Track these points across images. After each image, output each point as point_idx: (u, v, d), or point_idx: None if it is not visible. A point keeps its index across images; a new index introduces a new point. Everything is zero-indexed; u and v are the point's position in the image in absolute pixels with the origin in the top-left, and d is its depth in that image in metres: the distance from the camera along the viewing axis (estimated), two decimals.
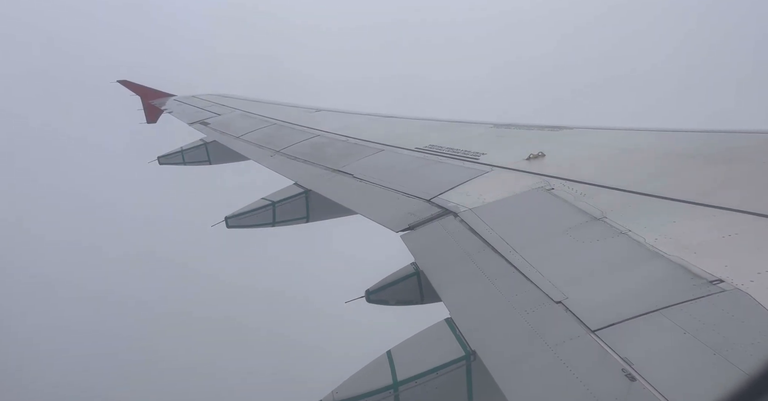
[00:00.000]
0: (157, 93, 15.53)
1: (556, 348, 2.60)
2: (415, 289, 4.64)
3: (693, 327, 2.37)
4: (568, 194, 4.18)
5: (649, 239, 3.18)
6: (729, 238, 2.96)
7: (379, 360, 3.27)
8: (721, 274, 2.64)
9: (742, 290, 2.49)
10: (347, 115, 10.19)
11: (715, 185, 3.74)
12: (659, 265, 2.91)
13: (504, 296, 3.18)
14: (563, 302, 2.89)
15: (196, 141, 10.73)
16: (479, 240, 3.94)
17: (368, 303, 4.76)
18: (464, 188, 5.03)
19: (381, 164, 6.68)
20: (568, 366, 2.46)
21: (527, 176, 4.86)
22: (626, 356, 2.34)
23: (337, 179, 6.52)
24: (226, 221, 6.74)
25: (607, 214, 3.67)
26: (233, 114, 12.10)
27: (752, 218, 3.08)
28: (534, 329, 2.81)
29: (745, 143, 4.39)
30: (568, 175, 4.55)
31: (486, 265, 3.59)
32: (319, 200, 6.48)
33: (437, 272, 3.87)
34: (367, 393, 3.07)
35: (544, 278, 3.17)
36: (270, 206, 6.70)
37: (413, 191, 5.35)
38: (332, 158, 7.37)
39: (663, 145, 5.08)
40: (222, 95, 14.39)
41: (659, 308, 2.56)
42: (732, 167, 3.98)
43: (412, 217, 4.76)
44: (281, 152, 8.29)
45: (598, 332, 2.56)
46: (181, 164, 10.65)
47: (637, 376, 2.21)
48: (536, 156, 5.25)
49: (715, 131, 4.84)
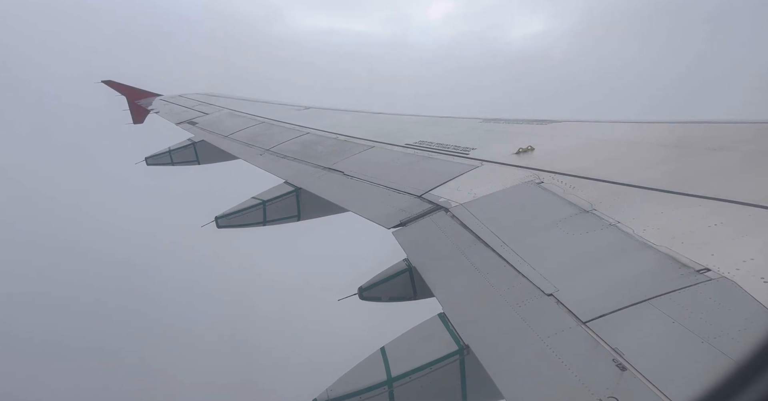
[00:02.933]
0: (143, 93, 15.35)
1: (547, 340, 2.62)
2: (408, 285, 4.64)
3: (681, 316, 2.40)
4: (558, 187, 4.21)
5: (637, 230, 3.22)
6: (715, 227, 3.00)
7: (373, 356, 3.29)
8: (708, 263, 2.68)
9: (728, 278, 2.53)
10: (336, 112, 10.16)
11: (700, 175, 3.79)
12: (648, 255, 2.94)
13: (496, 290, 3.21)
14: (554, 294, 2.92)
15: (184, 141, 10.63)
16: (470, 235, 3.96)
17: (361, 299, 4.76)
18: (455, 184, 5.05)
19: (371, 160, 6.68)
20: (560, 358, 2.48)
21: (517, 170, 4.88)
22: (616, 346, 2.37)
23: (328, 177, 6.51)
24: (217, 221, 6.69)
25: (596, 206, 3.70)
26: (221, 113, 12.00)
27: (737, 206, 3.13)
28: (526, 322, 2.83)
29: (729, 133, 4.45)
30: (557, 168, 4.58)
31: (477, 259, 3.61)
32: (310, 199, 6.46)
33: (429, 267, 3.89)
34: (362, 390, 3.08)
35: (535, 272, 3.20)
36: (260, 206, 6.67)
37: (404, 187, 5.35)
38: (322, 155, 7.35)
39: (649, 136, 5.14)
40: (209, 94, 14.27)
41: (648, 298, 2.59)
42: (717, 157, 4.03)
43: (403, 213, 4.76)
44: (271, 151, 8.25)
45: (588, 323, 2.59)
46: (169, 165, 10.55)
47: (628, 366, 2.24)
48: (525, 150, 5.28)
49: (700, 122, 4.90)
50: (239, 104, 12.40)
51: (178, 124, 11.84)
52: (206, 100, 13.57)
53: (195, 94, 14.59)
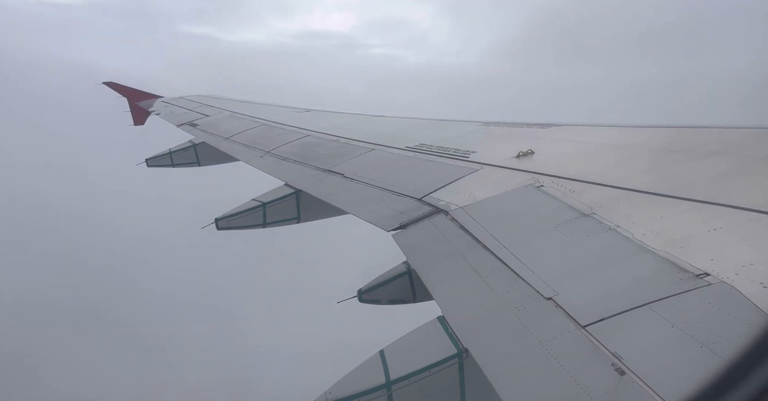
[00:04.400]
0: (144, 94, 15.39)
1: (546, 343, 2.62)
2: (407, 288, 4.65)
3: (681, 321, 2.40)
4: (558, 191, 4.21)
5: (637, 235, 3.22)
6: (715, 232, 3.00)
7: (372, 359, 3.28)
8: (708, 267, 2.68)
9: (727, 283, 2.53)
10: (337, 114, 10.17)
11: (700, 180, 3.79)
12: (647, 260, 2.94)
13: (495, 293, 3.20)
14: (554, 298, 2.92)
15: (185, 143, 10.65)
16: (470, 238, 3.96)
17: (360, 302, 4.76)
18: (455, 187, 5.05)
19: (371, 163, 6.68)
20: (558, 362, 2.48)
21: (517, 173, 4.89)
22: (616, 350, 2.37)
23: (328, 179, 6.51)
24: (217, 223, 6.69)
25: (595, 210, 3.70)
26: (222, 115, 12.02)
27: (737, 211, 3.13)
28: (525, 325, 2.83)
29: (730, 138, 4.45)
30: (557, 172, 4.58)
31: (477, 263, 3.61)
32: (310, 201, 6.46)
33: (429, 270, 3.88)
34: (361, 393, 3.08)
35: (535, 275, 3.19)
36: (260, 207, 6.67)
37: (404, 190, 5.36)
38: (322, 158, 7.36)
39: (650, 141, 5.14)
40: (210, 96, 14.30)
41: (647, 302, 2.59)
42: (717, 161, 4.03)
43: (403, 216, 4.76)
44: (271, 153, 8.26)
45: (588, 327, 2.59)
46: (169, 166, 10.56)
47: (627, 370, 2.24)
48: (526, 153, 5.28)
49: (701, 127, 4.90)
50: (240, 106, 12.43)
51: (179, 125, 11.86)
52: (207, 102, 13.60)
53: (196, 95, 14.62)
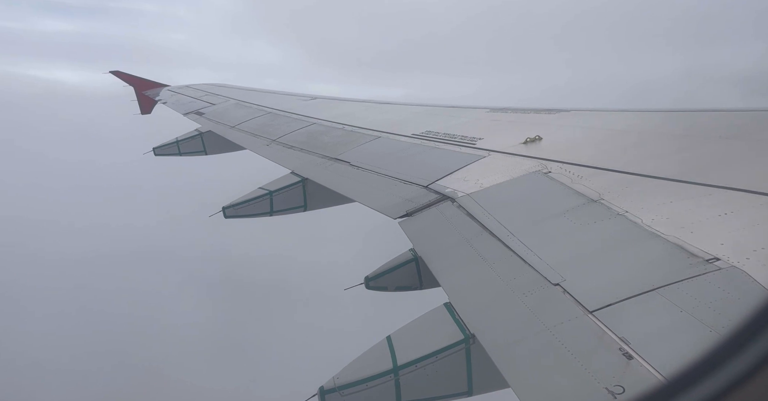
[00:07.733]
0: (151, 83, 15.41)
1: (554, 329, 2.62)
2: (414, 275, 4.66)
3: (689, 306, 2.39)
4: (565, 177, 4.18)
5: (645, 220, 3.19)
6: (724, 216, 2.97)
7: (380, 345, 3.30)
8: (717, 252, 2.66)
9: (738, 267, 2.51)
10: (343, 102, 10.14)
11: (710, 164, 3.75)
12: (656, 245, 2.92)
13: (502, 279, 3.20)
14: (561, 284, 2.91)
15: (191, 131, 10.68)
16: (477, 225, 3.95)
17: (367, 289, 4.78)
18: (461, 174, 5.03)
19: (378, 151, 6.66)
20: (566, 347, 2.48)
21: (524, 159, 4.85)
22: (623, 335, 2.36)
23: (334, 167, 6.50)
24: (224, 211, 6.73)
25: (603, 196, 3.67)
26: (228, 103, 12.01)
27: (747, 195, 3.09)
28: (532, 311, 2.83)
29: (740, 121, 4.38)
30: (564, 158, 4.54)
31: (484, 249, 3.61)
32: (317, 189, 6.47)
33: (435, 257, 3.89)
34: (368, 378, 3.10)
35: (542, 261, 3.19)
36: (267, 196, 6.69)
37: (410, 177, 5.34)
38: (329, 146, 7.35)
39: (658, 125, 5.08)
40: (216, 85, 14.29)
41: (656, 287, 2.58)
42: (727, 145, 3.98)
43: (409, 203, 4.76)
44: (277, 141, 8.25)
45: (595, 312, 2.58)
46: (176, 155, 10.62)
47: (634, 355, 2.24)
48: (533, 140, 5.24)
49: (710, 110, 4.83)
50: (246, 95, 12.41)
51: (186, 114, 11.88)
52: (213, 90, 13.59)
53: (202, 84, 14.61)
